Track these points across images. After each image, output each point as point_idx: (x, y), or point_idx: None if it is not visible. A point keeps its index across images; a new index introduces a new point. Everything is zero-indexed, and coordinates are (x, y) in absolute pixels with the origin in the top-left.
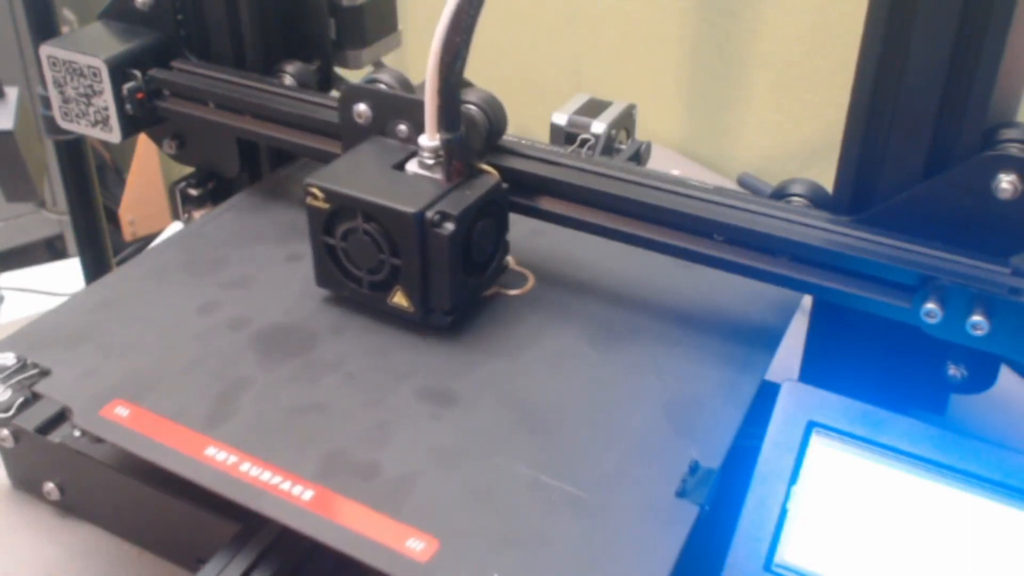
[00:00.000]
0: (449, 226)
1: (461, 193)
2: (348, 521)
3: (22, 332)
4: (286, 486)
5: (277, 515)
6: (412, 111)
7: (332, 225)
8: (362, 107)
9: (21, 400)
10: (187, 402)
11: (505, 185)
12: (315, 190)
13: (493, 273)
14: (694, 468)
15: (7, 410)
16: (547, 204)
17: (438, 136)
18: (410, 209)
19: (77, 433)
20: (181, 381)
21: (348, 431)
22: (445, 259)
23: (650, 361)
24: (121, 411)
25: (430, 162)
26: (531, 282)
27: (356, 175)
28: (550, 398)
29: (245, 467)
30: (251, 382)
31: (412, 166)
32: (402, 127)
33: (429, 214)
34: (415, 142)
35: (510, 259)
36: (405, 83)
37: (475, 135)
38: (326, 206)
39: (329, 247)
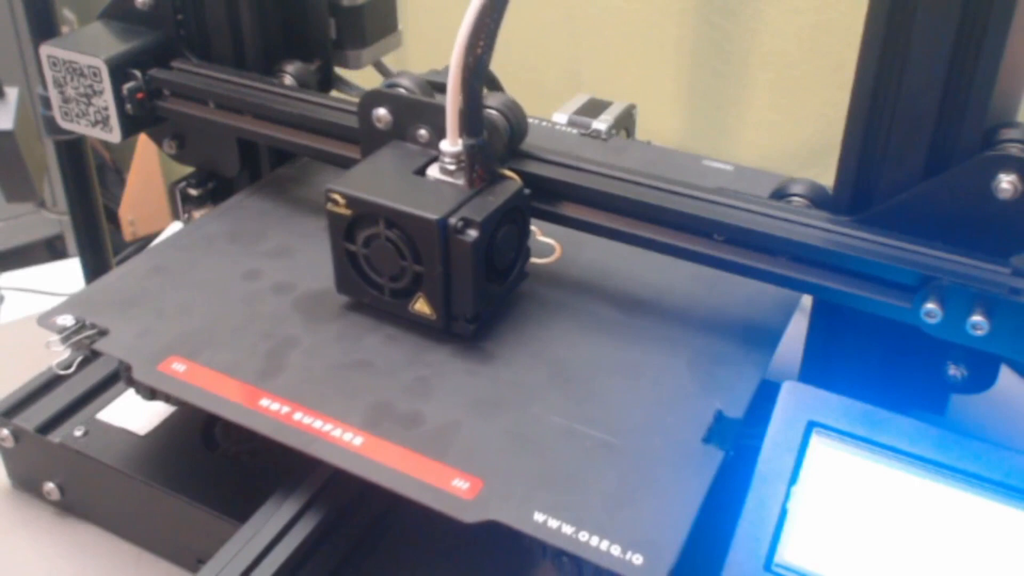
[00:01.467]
0: (472, 233)
1: (484, 199)
2: (397, 463)
3: (78, 296)
4: (337, 433)
5: (330, 458)
6: (433, 116)
7: (353, 231)
8: (382, 112)
9: (81, 358)
10: (239, 359)
11: (527, 191)
12: (336, 196)
13: (515, 280)
14: (719, 418)
15: (68, 367)
16: (570, 210)
17: (460, 141)
18: (433, 216)
19: (77, 433)
20: (232, 340)
21: (391, 385)
22: (468, 266)
23: (676, 320)
24: (178, 366)
25: (452, 168)
26: (558, 252)
27: (377, 181)
28: (580, 356)
29: (298, 416)
30: (298, 341)
31: (433, 172)
32: (423, 132)
33: (452, 220)
34: (436, 147)
35: (536, 229)
36: (425, 88)
37: (497, 140)
38: (348, 212)
39: (350, 253)
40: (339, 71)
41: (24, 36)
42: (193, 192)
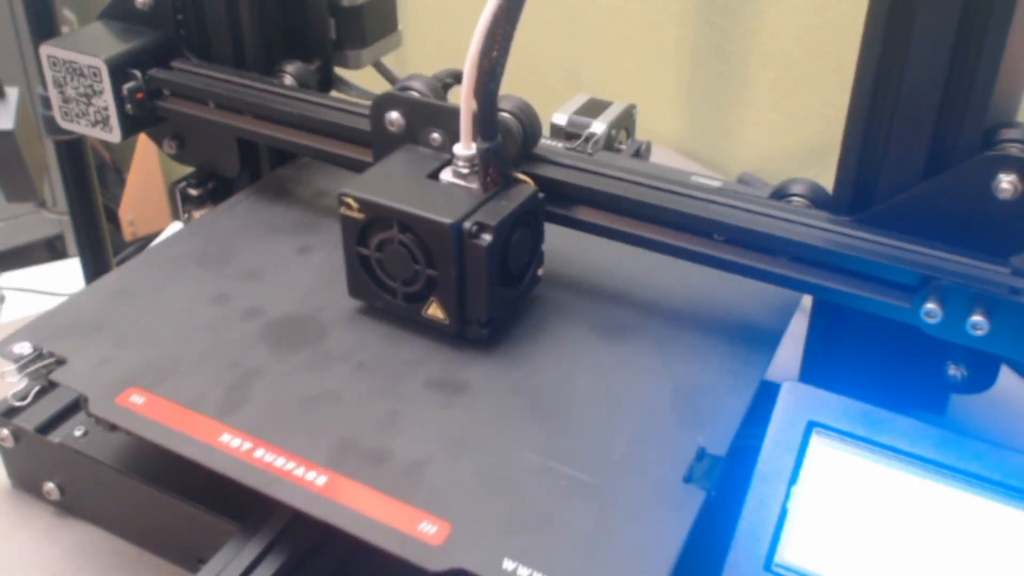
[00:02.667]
0: (487, 237)
1: (498, 203)
2: (361, 505)
3: (37, 322)
4: (299, 472)
5: (291, 500)
6: (446, 119)
7: (366, 235)
8: (395, 115)
9: (38, 388)
10: (201, 390)
11: (541, 195)
12: (349, 200)
13: (528, 284)
14: (701, 454)
15: (24, 398)
16: (585, 214)
17: (474, 145)
18: (447, 219)
19: (77, 433)
20: (195, 370)
21: (359, 419)
22: (483, 270)
23: (656, 351)
24: (136, 399)
25: (465, 171)
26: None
27: (391, 185)
28: (558, 387)
29: (259, 453)
30: (263, 371)
31: (447, 175)
32: (435, 135)
33: (467, 225)
34: (449, 151)
35: None
36: (437, 91)
37: (510, 143)
38: (361, 216)
39: (363, 257)
40: (339, 71)
41: (24, 36)
42: (193, 192)
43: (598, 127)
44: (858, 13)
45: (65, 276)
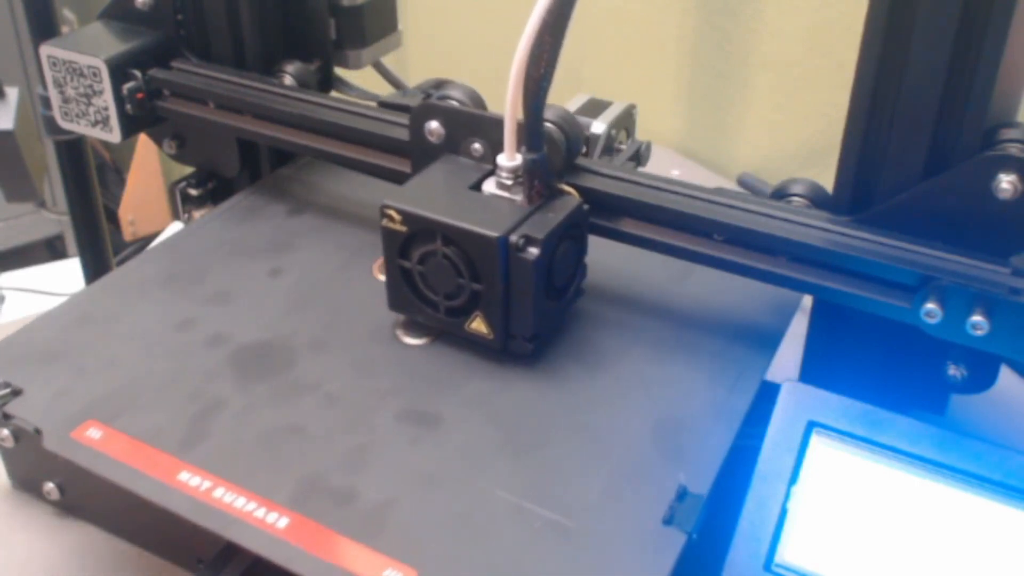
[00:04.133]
0: (534, 251)
1: (544, 216)
2: (323, 551)
3: None
4: (260, 513)
5: (250, 545)
6: (489, 129)
7: (409, 248)
8: (435, 124)
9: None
10: (161, 424)
11: (587, 206)
12: (392, 212)
13: (572, 297)
14: (682, 494)
15: None
16: (630, 226)
17: (518, 156)
18: (494, 233)
19: None
20: (156, 402)
21: (325, 455)
22: (529, 284)
23: (639, 378)
24: (93, 433)
25: (509, 183)
26: None
27: (433, 197)
28: (535, 419)
29: (218, 493)
30: (227, 403)
31: (489, 187)
32: (477, 145)
33: (513, 238)
34: (491, 161)
35: None
36: (477, 100)
37: (554, 154)
38: (403, 229)
39: (404, 271)
40: (339, 71)
41: (24, 36)
42: (193, 192)
43: (598, 127)
44: (858, 13)
45: (65, 276)
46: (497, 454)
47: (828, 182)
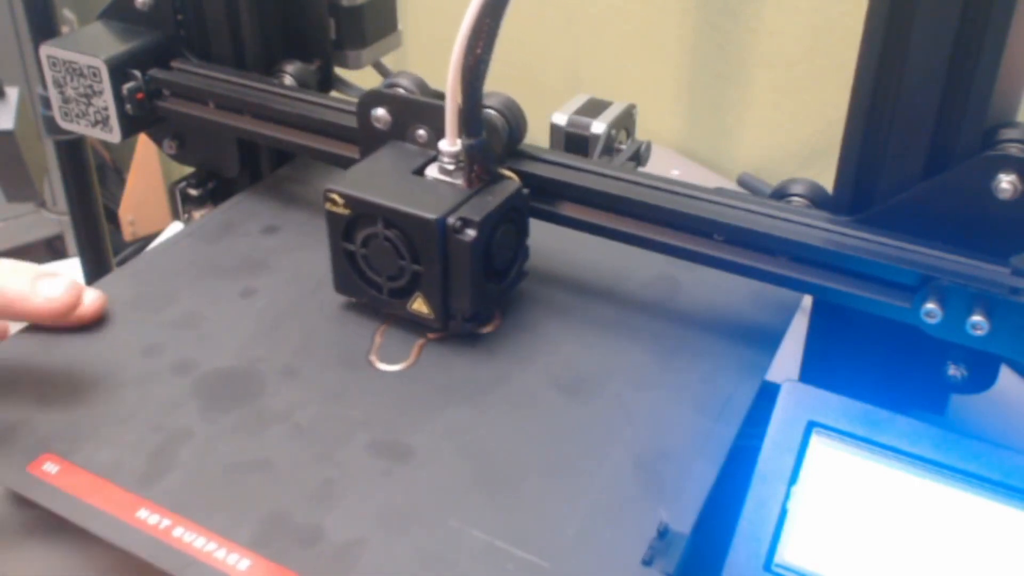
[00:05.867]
0: (471, 232)
1: (483, 199)
2: None
3: None
4: (220, 554)
5: None
6: (432, 116)
7: (352, 231)
8: (381, 112)
9: None
10: (122, 457)
11: (526, 190)
12: (335, 196)
13: (514, 279)
14: (663, 533)
15: None
16: (569, 210)
17: (459, 141)
18: (432, 215)
19: None
20: (117, 433)
21: (292, 490)
22: (467, 265)
23: (622, 406)
24: (50, 467)
25: (451, 167)
26: (496, 320)
27: (376, 181)
28: (511, 451)
29: (178, 532)
30: (191, 434)
31: (432, 171)
32: (421, 132)
33: (451, 220)
34: (435, 147)
35: None
36: (424, 87)
37: (495, 140)
38: (346, 212)
39: (349, 253)
40: (339, 71)
41: (24, 36)
42: (193, 192)
43: (598, 127)
44: (858, 13)
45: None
46: (470, 489)
47: (828, 182)
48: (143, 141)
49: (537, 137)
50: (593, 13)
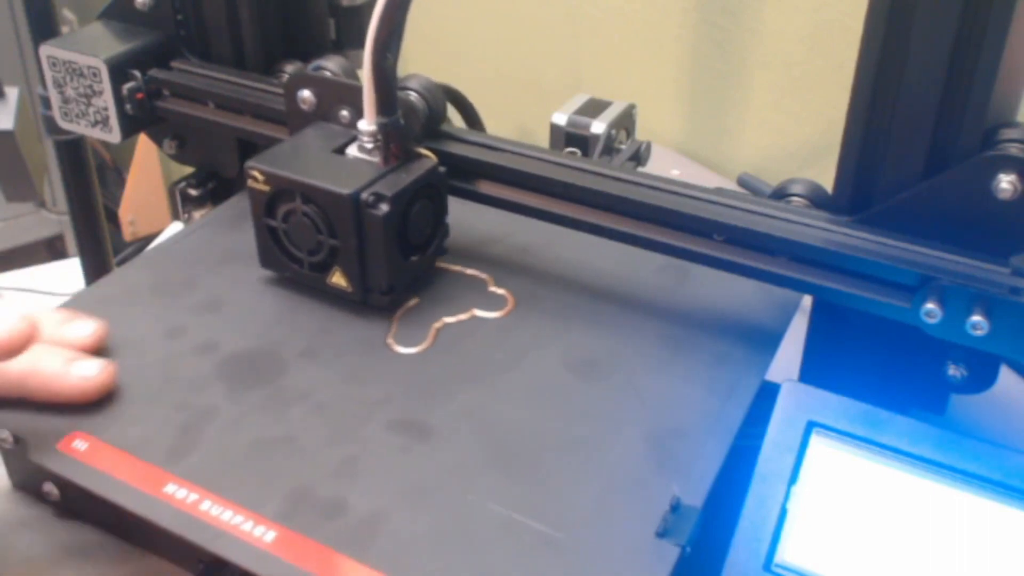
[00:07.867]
0: (384, 207)
1: (397, 176)
2: (311, 565)
3: None
4: (247, 526)
5: (236, 559)
6: (354, 97)
7: (273, 207)
8: (306, 93)
9: None
10: (149, 434)
11: (443, 168)
12: (256, 173)
13: (432, 254)
14: (676, 506)
15: None
16: (487, 188)
17: (376, 120)
18: (345, 191)
19: None
20: (144, 411)
21: (314, 466)
22: (380, 240)
23: (633, 387)
24: (79, 444)
25: (369, 146)
26: (510, 304)
27: (296, 159)
28: (527, 429)
29: (205, 506)
30: (216, 412)
31: (352, 150)
32: (344, 112)
33: (364, 195)
34: (356, 127)
35: (488, 278)
36: (350, 71)
37: (414, 120)
38: (267, 188)
39: (271, 228)
40: None
41: (24, 36)
42: (193, 192)
43: (598, 127)
44: (858, 13)
45: (65, 276)
46: (487, 466)
47: (828, 182)
48: (143, 141)
49: (537, 137)
50: (593, 13)
